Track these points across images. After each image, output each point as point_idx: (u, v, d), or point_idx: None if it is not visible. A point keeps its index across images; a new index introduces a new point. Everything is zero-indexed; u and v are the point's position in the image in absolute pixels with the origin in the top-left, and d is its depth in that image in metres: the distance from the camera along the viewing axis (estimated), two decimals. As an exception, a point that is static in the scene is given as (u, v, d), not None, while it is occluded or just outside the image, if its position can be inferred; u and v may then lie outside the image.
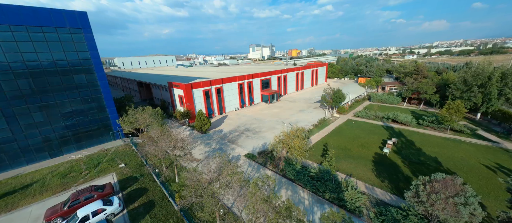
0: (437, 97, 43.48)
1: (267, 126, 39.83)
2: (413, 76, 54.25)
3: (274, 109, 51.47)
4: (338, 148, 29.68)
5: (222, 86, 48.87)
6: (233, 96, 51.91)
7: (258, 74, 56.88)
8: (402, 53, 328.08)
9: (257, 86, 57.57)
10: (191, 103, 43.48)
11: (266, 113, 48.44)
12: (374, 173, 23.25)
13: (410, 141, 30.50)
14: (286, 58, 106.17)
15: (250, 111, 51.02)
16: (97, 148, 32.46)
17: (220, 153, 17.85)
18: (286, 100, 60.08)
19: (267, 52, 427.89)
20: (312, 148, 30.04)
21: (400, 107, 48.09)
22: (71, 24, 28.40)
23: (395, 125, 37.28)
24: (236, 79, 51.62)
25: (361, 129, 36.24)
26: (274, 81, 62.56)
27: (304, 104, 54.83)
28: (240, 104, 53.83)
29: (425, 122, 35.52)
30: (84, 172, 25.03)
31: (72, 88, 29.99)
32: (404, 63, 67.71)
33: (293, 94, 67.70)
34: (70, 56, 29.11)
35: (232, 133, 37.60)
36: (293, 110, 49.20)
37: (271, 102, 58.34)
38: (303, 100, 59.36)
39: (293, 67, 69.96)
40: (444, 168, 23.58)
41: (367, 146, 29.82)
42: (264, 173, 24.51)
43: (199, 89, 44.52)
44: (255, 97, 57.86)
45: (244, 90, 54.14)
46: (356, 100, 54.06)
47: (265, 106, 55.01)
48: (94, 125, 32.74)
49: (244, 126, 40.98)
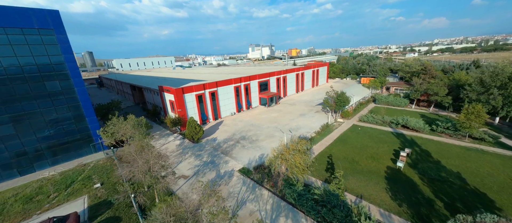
0: (449, 100, 40.03)
1: (265, 133, 36.44)
2: (421, 76, 50.81)
3: (272, 113, 48.07)
4: (345, 160, 26.28)
5: (217, 90, 45.49)
6: (229, 100, 48.54)
7: (255, 76, 53.50)
8: (403, 51, 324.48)
9: (255, 89, 54.18)
10: (182, 109, 40.12)
11: (264, 118, 45.05)
12: (388, 194, 19.86)
13: (425, 152, 27.08)
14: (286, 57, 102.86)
15: (248, 116, 47.64)
16: (74, 163, 29.12)
17: (203, 182, 14.41)
18: (285, 103, 56.67)
19: (267, 52, 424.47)
20: (315, 160, 26.62)
21: (408, 111, 44.63)
22: (40, 24, 25.04)
23: (406, 131, 33.85)
24: (232, 82, 48.24)
25: (369, 136, 32.82)
26: (273, 83, 59.16)
27: (305, 107, 51.42)
28: (237, 109, 50.46)
29: (440, 128, 32.08)
30: (52, 194, 21.68)
31: (44, 96, 26.63)
32: (410, 62, 64.25)
33: (293, 97, 64.28)
34: (41, 61, 25.75)
35: (227, 142, 34.22)
36: (293, 115, 45.79)
37: (270, 105, 54.95)
38: (304, 103, 55.95)
39: (293, 68, 66.58)
40: (471, 187, 20.16)
41: (377, 157, 26.41)
42: (260, 193, 21.14)
43: (191, 94, 41.15)
44: (253, 101, 54.47)
45: (241, 94, 50.76)
46: (360, 103, 50.61)
47: (263, 110, 51.62)
48: (71, 136, 29.40)
49: (240, 133, 37.60)
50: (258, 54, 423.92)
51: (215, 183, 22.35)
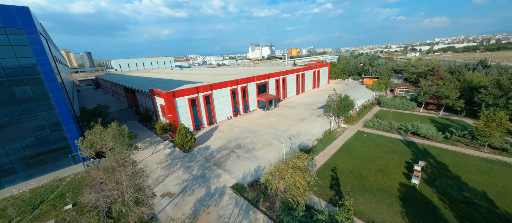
0: (462, 103, 37.03)
1: (263, 141, 33.51)
2: (429, 78, 47.84)
3: (271, 118, 45.12)
4: (351, 174, 23.36)
5: (212, 93, 42.56)
6: (225, 104, 45.61)
7: (253, 78, 50.56)
8: (404, 51, 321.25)
9: (253, 91, 51.24)
10: (173, 114, 37.22)
11: (262, 123, 42.11)
12: (405, 220, 16.92)
13: (441, 164, 24.13)
14: (286, 57, 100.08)
15: (245, 120, 44.71)
16: (50, 176, 26.23)
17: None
18: (285, 106, 53.72)
19: (267, 52, 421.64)
20: (318, 174, 23.69)
21: (416, 115, 41.65)
22: (6, 22, 22.15)
23: (417, 139, 30.89)
24: (228, 85, 45.31)
25: (376, 144, 29.87)
26: (272, 85, 56.20)
27: (306, 111, 48.46)
28: (233, 113, 47.52)
29: (455, 135, 29.11)
30: (14, 219, 18.78)
31: (13, 103, 23.74)
32: (416, 62, 61.24)
33: (293, 99, 61.30)
34: (8, 64, 22.86)
35: (220, 151, 31.31)
36: (293, 119, 42.83)
37: (269, 109, 52.01)
38: (305, 106, 52.98)
39: (293, 69, 63.61)
40: (501, 210, 17.22)
41: (387, 171, 23.47)
42: (254, 218, 18.22)
43: (183, 98, 38.22)
44: (251, 104, 51.54)
45: (238, 97, 47.82)
46: (364, 106, 47.64)
47: (261, 114, 48.68)
48: (46, 147, 26.50)
49: (236, 140, 34.68)
50: (258, 54, 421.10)
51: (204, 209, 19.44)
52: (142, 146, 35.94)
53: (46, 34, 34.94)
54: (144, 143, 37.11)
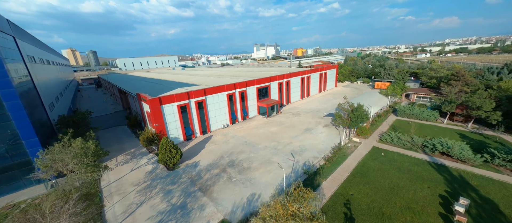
0: (499, 116, 31.16)
1: (261, 158, 28.60)
2: (452, 83, 41.92)
3: (272, 127, 40.12)
4: (370, 212, 18.20)
5: (205, 99, 37.87)
6: (220, 111, 40.87)
7: (253, 82, 45.65)
8: (413, 51, 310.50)
9: (253, 96, 46.33)
10: (160, 123, 32.72)
11: (262, 133, 37.18)
12: None
13: (488, 201, 18.67)
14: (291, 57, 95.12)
15: (242, 129, 39.87)
16: (4, 200, 22.02)
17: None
18: (288, 113, 48.61)
19: (272, 52, 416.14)
20: (326, 211, 18.63)
21: (440, 127, 35.93)
22: None
23: (447, 160, 25.38)
24: (224, 89, 40.55)
25: (398, 167, 24.53)
26: (274, 89, 51.16)
27: (311, 119, 43.24)
28: (230, 120, 42.74)
29: (498, 159, 23.50)
30: None
31: (-46, 114, 19.56)
32: (436, 65, 55.07)
33: (298, 104, 56.08)
34: None
35: (210, 170, 26.58)
36: (297, 130, 37.72)
37: (270, 115, 47.02)
38: (310, 112, 47.74)
39: (298, 71, 58.35)
40: None
41: (417, 209, 18.18)
42: None
43: (171, 105, 33.66)
44: (250, 110, 46.67)
45: (235, 102, 43.01)
46: (377, 115, 42.09)
47: (261, 121, 43.73)
48: (1, 164, 22.26)
49: (229, 156, 29.89)
50: (263, 54, 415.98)
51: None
52: (123, 159, 31.57)
53: (19, 31, 30.91)
54: (126, 155, 32.75)
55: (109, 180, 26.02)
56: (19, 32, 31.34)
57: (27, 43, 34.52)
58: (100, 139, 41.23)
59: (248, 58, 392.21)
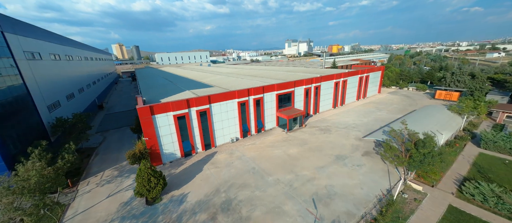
0: None
1: (268, 201, 20.30)
2: None
3: (291, 147, 31.16)
4: None
5: (210, 107, 30.92)
6: (229, 122, 33.60)
7: (273, 87, 37.02)
8: (480, 50, 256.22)
9: (271, 104, 37.81)
10: (151, 137, 26.94)
11: (277, 156, 28.67)
12: None
13: None
14: (324, 55, 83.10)
15: (254, 147, 31.94)
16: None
17: None
18: (315, 127, 38.72)
19: (304, 48, 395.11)
20: None
21: None
22: None
23: None
24: (235, 96, 33.02)
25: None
26: (300, 95, 41.61)
27: (345, 139, 32.79)
28: (241, 133, 35.18)
29: None
30: None
31: None
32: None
33: (329, 115, 45.39)
34: None
35: (198, 213, 19.44)
36: (325, 155, 28.06)
37: (291, 129, 37.96)
38: (344, 128, 37.05)
39: (332, 74, 47.24)
40: None
41: None
42: None
43: (166, 114, 27.54)
44: (267, 121, 38.32)
45: (249, 112, 35.18)
46: (447, 143, 29.31)
47: (279, 137, 35.07)
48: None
49: (228, 190, 22.32)
50: (294, 50, 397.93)
51: None
52: (109, 175, 26.80)
53: (13, 24, 28.26)
54: (114, 170, 28.03)
55: (76, 210, 21.07)
56: (14, 26, 28.72)
57: (29, 38, 32.25)
58: (105, 141, 38.23)
59: (278, 54, 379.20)
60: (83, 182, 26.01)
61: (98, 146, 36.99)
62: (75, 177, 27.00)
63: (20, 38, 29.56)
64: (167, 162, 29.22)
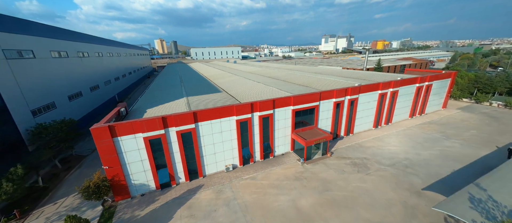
0: None
1: None
2: None
3: (305, 196, 21.27)
4: None
5: (196, 127, 23.06)
6: (224, 145, 25.37)
7: (288, 101, 27.20)
8: None
9: (285, 122, 28.16)
10: (113, 165, 20.53)
11: (280, 210, 19.32)
12: None
13: None
14: (367, 52, 68.22)
15: (253, 185, 23.14)
16: None
17: None
18: (345, 158, 27.59)
19: (343, 44, 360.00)
20: None
21: None
22: None
23: None
24: (233, 113, 24.48)
25: None
26: (327, 111, 30.75)
27: (392, 191, 21.23)
28: (240, 160, 26.66)
29: None
30: None
31: None
32: None
33: (367, 138, 33.23)
34: None
35: None
36: (355, 222, 17.57)
37: (310, 158, 27.75)
38: (390, 166, 25.11)
39: (376, 83, 34.42)
40: None
41: None
42: None
43: (134, 136, 20.71)
44: (278, 144, 28.89)
45: (252, 132, 26.31)
46: None
47: (291, 171, 25.38)
48: None
49: None
50: (331, 46, 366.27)
51: None
52: (68, 205, 21.58)
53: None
54: (77, 197, 22.78)
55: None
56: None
57: (15, 34, 29.24)
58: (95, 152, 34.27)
59: (313, 51, 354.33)
60: (37, 212, 21.29)
61: (89, 154, 33.16)
62: (36, 201, 22.68)
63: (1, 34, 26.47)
64: (138, 195, 22.75)
